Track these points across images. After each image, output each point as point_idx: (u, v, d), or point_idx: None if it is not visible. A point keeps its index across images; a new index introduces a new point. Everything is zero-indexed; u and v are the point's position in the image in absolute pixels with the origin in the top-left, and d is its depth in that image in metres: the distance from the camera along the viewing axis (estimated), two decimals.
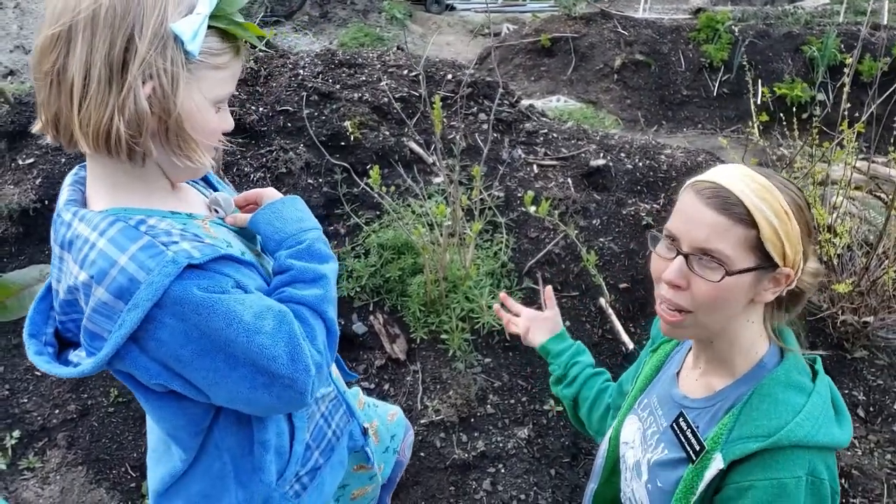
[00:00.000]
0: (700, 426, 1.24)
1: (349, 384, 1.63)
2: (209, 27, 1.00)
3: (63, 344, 1.12)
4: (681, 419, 1.27)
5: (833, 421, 1.15)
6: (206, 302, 0.98)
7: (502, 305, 1.77)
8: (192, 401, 1.10)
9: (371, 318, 2.64)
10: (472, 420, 2.44)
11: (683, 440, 1.24)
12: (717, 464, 1.15)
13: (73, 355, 1.08)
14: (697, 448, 1.20)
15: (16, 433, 2.47)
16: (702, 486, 1.16)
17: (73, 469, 2.41)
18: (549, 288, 1.71)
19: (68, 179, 1.14)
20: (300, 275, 1.14)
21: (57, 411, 2.52)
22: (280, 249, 1.17)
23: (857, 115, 2.84)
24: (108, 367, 1.03)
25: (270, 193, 1.24)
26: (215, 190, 1.31)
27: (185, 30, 0.97)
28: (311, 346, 1.10)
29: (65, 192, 1.10)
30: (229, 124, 1.12)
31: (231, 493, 1.23)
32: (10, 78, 5.65)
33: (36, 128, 1.04)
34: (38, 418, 2.51)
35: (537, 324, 1.71)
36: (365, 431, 1.47)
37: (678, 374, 1.37)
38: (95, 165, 1.07)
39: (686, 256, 1.14)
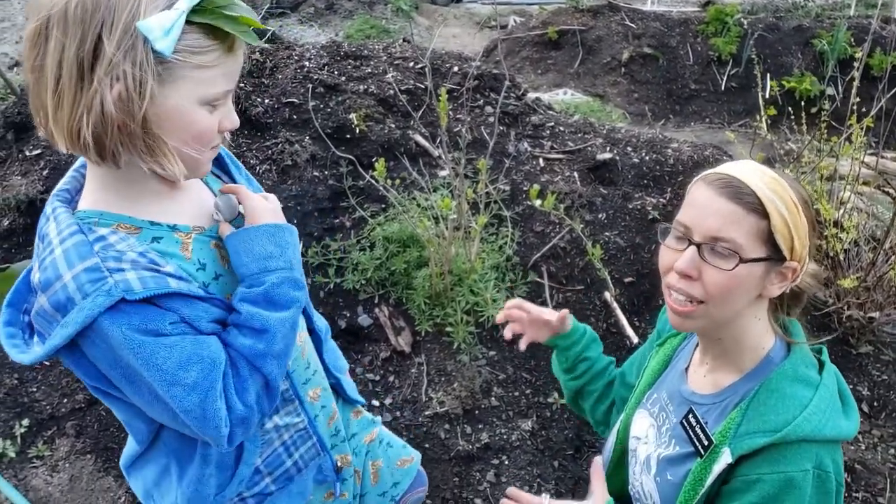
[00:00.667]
0: (709, 422, 1.25)
1: (370, 409, 1.58)
2: (192, 23, 0.94)
3: None
4: (690, 415, 1.28)
5: (840, 413, 1.16)
6: (129, 343, 0.97)
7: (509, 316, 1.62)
8: None
9: (376, 310, 2.65)
10: (477, 412, 2.45)
11: (692, 436, 1.25)
12: (725, 458, 1.16)
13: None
14: (706, 443, 1.21)
15: (25, 422, 2.49)
16: (710, 479, 1.18)
17: (81, 457, 2.43)
18: (566, 311, 1.60)
19: (76, 164, 1.13)
20: (246, 321, 1.07)
21: (65, 400, 2.54)
22: (242, 284, 1.11)
23: (865, 109, 2.82)
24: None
25: (257, 208, 1.14)
26: (232, 178, 1.27)
27: (154, 27, 0.90)
28: (238, 400, 1.06)
29: (64, 179, 1.10)
30: (231, 122, 1.06)
31: (173, 492, 1.23)
32: (16, 69, 5.67)
33: (36, 123, 1.03)
34: (47, 407, 2.53)
35: (542, 330, 1.61)
36: (339, 469, 1.41)
37: (687, 369, 1.38)
38: (90, 164, 1.05)
39: (698, 246, 1.14)
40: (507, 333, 1.59)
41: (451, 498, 2.25)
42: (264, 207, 1.15)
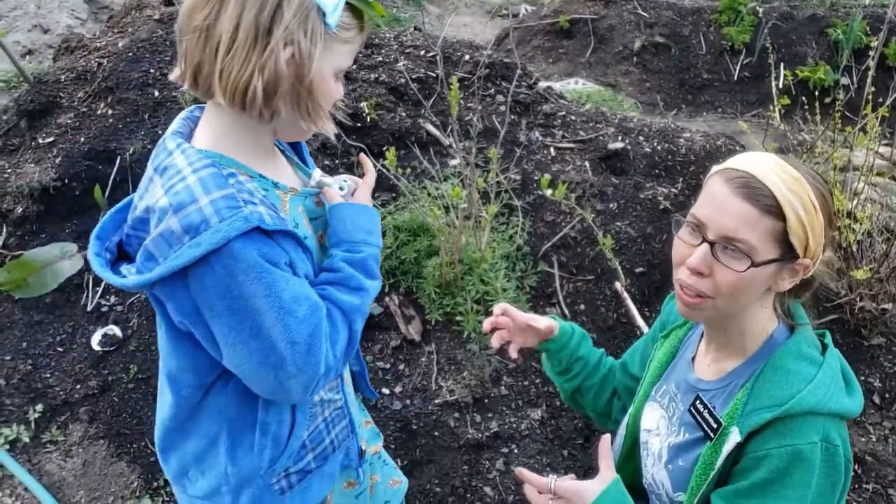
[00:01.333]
0: (716, 406, 1.25)
1: (381, 396, 1.60)
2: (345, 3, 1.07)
3: (120, 257, 1.20)
4: (697, 401, 1.28)
5: (843, 391, 1.17)
6: (257, 267, 1.04)
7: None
8: (206, 352, 1.14)
9: (386, 299, 2.66)
10: (486, 401, 2.45)
11: (701, 421, 1.26)
12: (734, 437, 1.16)
13: (125, 268, 1.15)
14: (715, 426, 1.22)
15: (38, 407, 2.52)
16: (720, 460, 1.18)
17: (94, 443, 2.46)
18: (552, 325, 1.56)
19: (182, 114, 1.21)
20: (346, 280, 1.18)
21: (78, 386, 2.56)
22: (338, 248, 1.21)
23: (881, 99, 2.79)
24: (148, 290, 1.12)
25: (363, 194, 1.33)
26: (304, 162, 1.38)
27: (328, 3, 1.04)
28: (330, 349, 1.13)
29: (175, 124, 1.18)
30: (341, 93, 1.19)
31: (221, 465, 1.24)
32: (28, 57, 5.69)
33: (173, 75, 1.13)
34: (61, 393, 2.56)
35: (530, 336, 1.56)
36: (362, 453, 1.45)
37: (693, 359, 1.38)
38: (214, 113, 1.14)
39: (712, 244, 1.14)
40: (496, 342, 1.55)
41: (460, 486, 2.27)
42: (369, 196, 1.35)
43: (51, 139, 3.01)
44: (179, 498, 1.35)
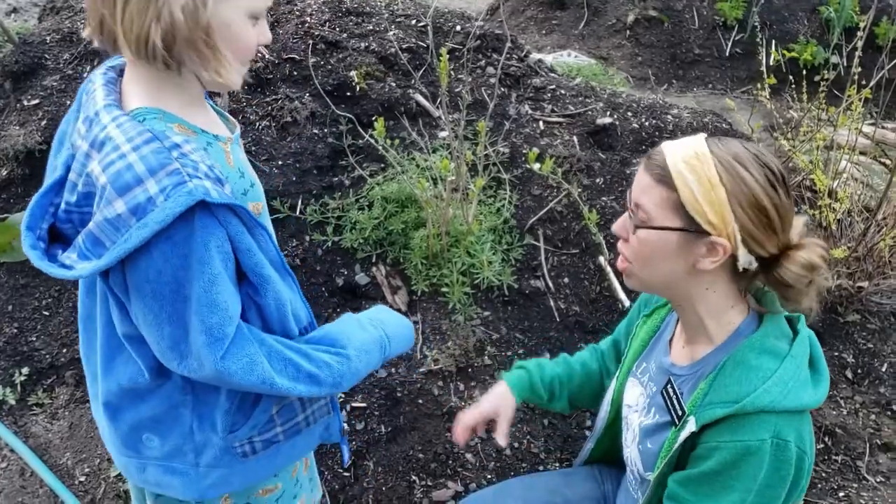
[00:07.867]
0: (684, 392, 1.29)
1: None
2: None
3: (53, 239, 1.14)
4: (668, 386, 1.32)
5: (806, 383, 1.19)
6: (194, 253, 1.03)
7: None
8: None
9: (373, 269, 2.68)
10: (470, 370, 2.49)
11: (670, 406, 1.30)
12: (690, 426, 1.20)
13: (64, 256, 1.09)
14: (680, 413, 1.26)
15: (25, 370, 2.54)
16: (676, 445, 1.23)
17: (80, 406, 2.48)
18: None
19: (98, 80, 1.13)
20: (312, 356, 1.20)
21: (65, 350, 2.58)
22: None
23: (863, 81, 2.81)
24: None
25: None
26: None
27: None
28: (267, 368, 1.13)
29: (99, 92, 1.11)
30: (267, 37, 1.15)
31: (185, 423, 1.23)
32: (13, 15, 5.58)
33: (85, 33, 1.09)
34: (47, 356, 2.57)
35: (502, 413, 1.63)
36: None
37: (671, 341, 1.41)
38: (135, 70, 1.10)
39: (630, 211, 1.26)
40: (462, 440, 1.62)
41: (442, 452, 2.32)
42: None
43: (36, 101, 2.98)
44: (128, 463, 1.29)
